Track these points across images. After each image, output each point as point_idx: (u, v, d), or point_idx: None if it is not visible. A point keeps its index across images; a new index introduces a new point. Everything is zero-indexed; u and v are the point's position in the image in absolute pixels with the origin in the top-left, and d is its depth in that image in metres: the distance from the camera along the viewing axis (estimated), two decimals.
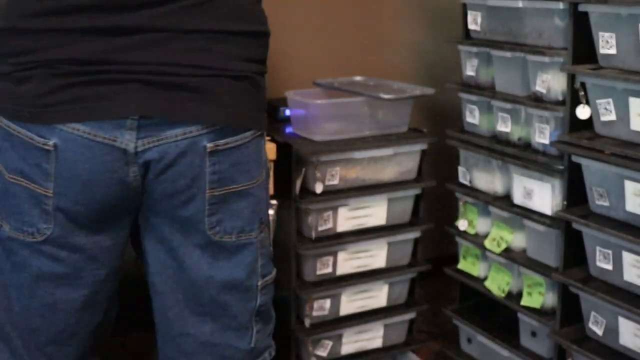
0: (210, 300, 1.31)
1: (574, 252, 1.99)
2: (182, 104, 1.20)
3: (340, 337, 2.30)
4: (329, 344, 2.29)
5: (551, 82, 2.03)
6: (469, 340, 2.41)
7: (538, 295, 2.11)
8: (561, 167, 2.00)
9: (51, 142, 1.18)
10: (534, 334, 2.17)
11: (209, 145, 1.23)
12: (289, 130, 2.28)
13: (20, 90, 1.18)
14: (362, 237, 2.25)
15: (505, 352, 2.23)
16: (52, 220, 1.22)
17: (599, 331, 1.93)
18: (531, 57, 2.06)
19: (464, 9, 2.32)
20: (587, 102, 1.91)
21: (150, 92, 1.18)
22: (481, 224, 2.32)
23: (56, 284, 1.25)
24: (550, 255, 2.08)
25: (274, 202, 2.17)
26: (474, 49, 2.26)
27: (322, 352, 2.28)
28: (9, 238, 1.24)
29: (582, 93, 1.91)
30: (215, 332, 1.33)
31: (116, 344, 2.39)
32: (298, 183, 2.15)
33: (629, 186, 1.81)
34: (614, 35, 1.82)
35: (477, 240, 2.30)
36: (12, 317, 1.28)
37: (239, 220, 1.29)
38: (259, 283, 1.35)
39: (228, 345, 1.34)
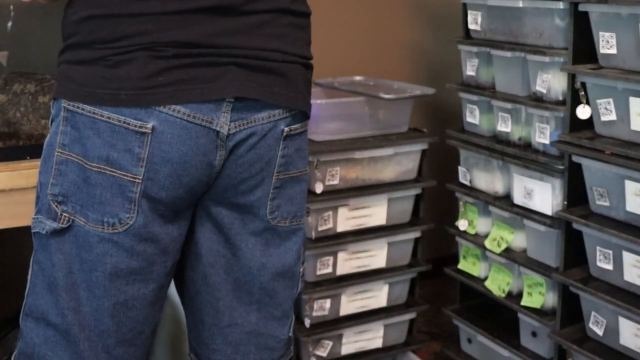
0: (260, 288, 1.35)
1: (575, 252, 1.99)
2: (271, 88, 1.24)
3: (340, 337, 2.30)
4: (329, 344, 2.29)
5: (551, 82, 2.03)
6: (469, 340, 2.41)
7: (538, 295, 2.11)
8: (561, 167, 2.00)
9: (149, 125, 1.17)
10: (534, 334, 2.16)
11: (286, 129, 1.27)
12: None
13: (116, 73, 1.17)
14: (362, 237, 2.25)
15: (505, 352, 2.23)
16: (135, 209, 1.20)
17: (600, 331, 1.93)
18: (531, 57, 2.06)
19: (464, 8, 2.32)
20: (588, 102, 1.91)
21: (246, 75, 1.21)
22: (481, 224, 2.32)
23: (128, 280, 1.24)
24: (550, 255, 2.08)
25: None
26: (474, 49, 2.26)
27: (322, 352, 2.28)
28: (84, 232, 1.21)
29: (582, 93, 1.91)
30: (260, 321, 1.37)
31: None
32: None
33: (630, 186, 1.81)
34: (614, 35, 1.82)
35: (477, 240, 2.30)
36: (81, 319, 1.23)
37: (294, 205, 1.34)
38: (301, 270, 1.41)
39: (270, 335, 1.38)
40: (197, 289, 1.37)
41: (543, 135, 2.06)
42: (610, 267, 1.88)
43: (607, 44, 1.84)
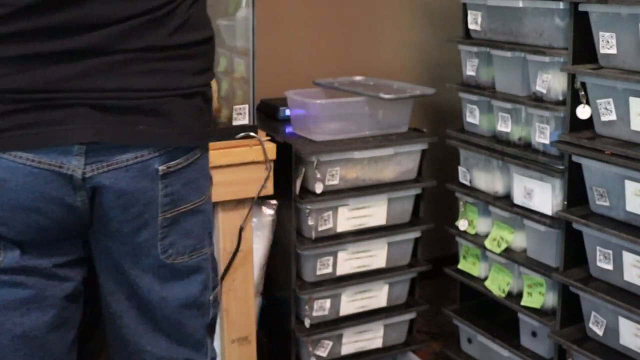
0: (165, 319, 1.29)
1: (574, 252, 1.99)
2: (134, 128, 1.15)
3: (340, 337, 2.30)
4: (329, 344, 2.29)
5: (551, 82, 2.02)
6: (469, 340, 2.41)
7: (538, 295, 2.11)
8: (561, 167, 2.00)
9: None
10: (534, 334, 2.16)
11: (161, 168, 1.19)
12: (288, 130, 2.28)
13: None
14: (362, 237, 2.25)
15: (505, 352, 2.23)
16: (1, 249, 1.16)
17: (600, 331, 1.93)
18: (531, 57, 2.06)
19: (464, 8, 2.31)
20: (588, 102, 1.91)
21: (101, 116, 1.12)
22: (481, 224, 2.32)
23: (22, 311, 1.19)
24: (550, 255, 2.08)
25: (273, 202, 2.17)
26: (474, 49, 2.26)
27: (322, 352, 2.28)
28: None
29: (582, 93, 1.91)
30: (170, 347, 1.31)
31: None
32: (298, 183, 2.15)
33: (630, 186, 1.81)
34: (614, 35, 1.82)
35: (477, 240, 2.30)
36: None
37: (191, 239, 1.26)
38: (211, 297, 1.33)
39: (185, 359, 1.33)
40: (104, 313, 1.33)
41: (543, 135, 2.06)
42: (610, 267, 1.88)
43: (607, 44, 1.84)
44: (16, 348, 1.20)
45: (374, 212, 2.28)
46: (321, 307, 2.24)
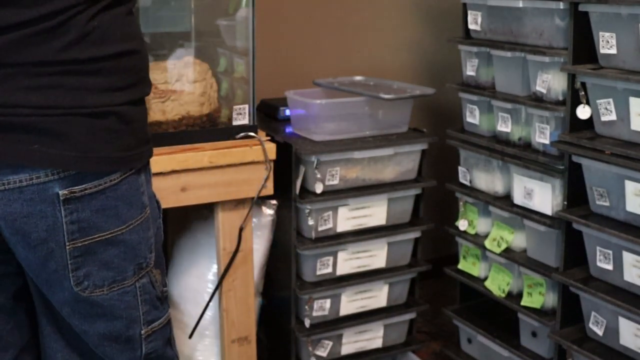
0: (90, 351, 1.25)
1: (575, 252, 1.99)
2: (26, 146, 1.06)
3: (340, 337, 2.30)
4: (329, 344, 2.29)
5: (551, 82, 2.02)
6: (469, 340, 2.41)
7: (538, 295, 2.11)
8: (561, 167, 2.00)
9: None
10: (534, 334, 2.16)
11: (62, 192, 1.10)
12: (288, 130, 2.28)
13: None
14: (362, 237, 2.25)
15: (505, 352, 2.23)
16: None
17: (600, 331, 1.93)
18: (531, 57, 2.06)
19: (464, 8, 2.31)
20: (588, 102, 1.91)
21: None
22: (481, 224, 2.32)
23: None
24: (550, 255, 2.08)
25: (273, 202, 2.18)
26: (474, 49, 2.26)
27: (322, 352, 2.28)
28: None
29: (582, 93, 1.91)
30: None
31: None
32: (298, 183, 2.15)
33: (630, 186, 1.81)
34: (614, 35, 1.82)
35: (477, 240, 2.30)
36: None
37: (110, 270, 1.18)
38: (143, 332, 1.26)
39: None
40: (39, 335, 1.30)
41: (543, 135, 2.06)
42: (610, 267, 1.88)
43: (607, 44, 1.84)
44: None
45: (374, 212, 2.28)
46: (321, 307, 2.24)
